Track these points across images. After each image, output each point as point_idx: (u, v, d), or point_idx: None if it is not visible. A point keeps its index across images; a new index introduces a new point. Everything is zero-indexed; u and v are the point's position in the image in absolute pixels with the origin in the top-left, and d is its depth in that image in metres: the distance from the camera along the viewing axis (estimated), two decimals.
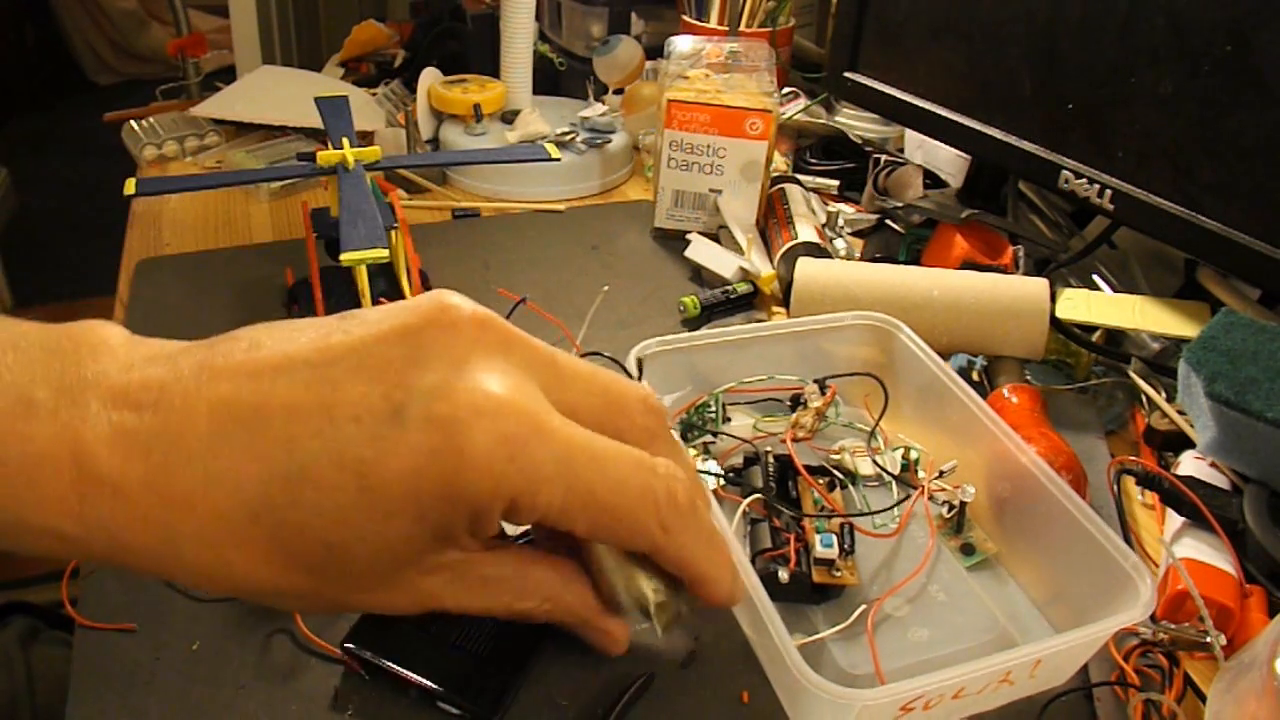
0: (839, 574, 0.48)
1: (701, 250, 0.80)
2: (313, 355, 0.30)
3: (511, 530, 0.48)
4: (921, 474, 0.55)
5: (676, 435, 0.56)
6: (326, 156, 0.63)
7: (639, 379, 0.53)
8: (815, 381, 0.59)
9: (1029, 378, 0.64)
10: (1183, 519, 0.51)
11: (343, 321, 0.32)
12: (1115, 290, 0.73)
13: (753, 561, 0.48)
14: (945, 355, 0.66)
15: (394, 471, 0.29)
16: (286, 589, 0.31)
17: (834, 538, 0.48)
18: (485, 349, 0.31)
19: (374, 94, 1.09)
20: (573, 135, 0.94)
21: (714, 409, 0.58)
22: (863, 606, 0.47)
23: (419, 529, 0.31)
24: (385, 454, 0.29)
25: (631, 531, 0.34)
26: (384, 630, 0.43)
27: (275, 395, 0.29)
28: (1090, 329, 0.68)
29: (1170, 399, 0.61)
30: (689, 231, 0.84)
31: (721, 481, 0.54)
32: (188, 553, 0.30)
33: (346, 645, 0.43)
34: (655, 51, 0.99)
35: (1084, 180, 0.66)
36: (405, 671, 0.42)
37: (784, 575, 0.46)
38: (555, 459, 0.31)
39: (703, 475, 0.54)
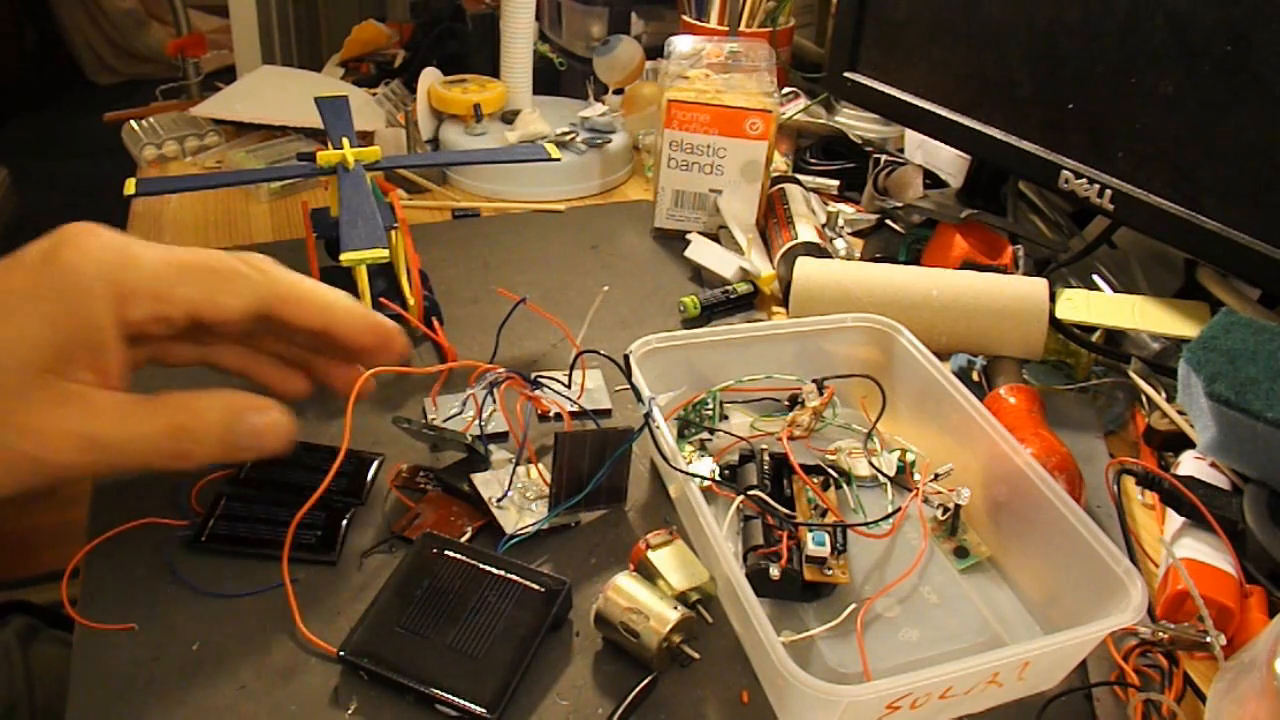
0: (830, 572, 0.48)
1: (701, 250, 0.80)
2: None
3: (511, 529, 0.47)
4: (917, 476, 0.55)
5: (669, 431, 0.56)
6: (326, 156, 0.63)
7: (629, 378, 0.53)
8: (813, 382, 0.59)
9: (1027, 378, 0.64)
10: (1183, 519, 0.51)
11: None
12: (1115, 290, 0.73)
13: (744, 558, 0.48)
14: (944, 355, 0.66)
15: (14, 280, 0.39)
16: None
17: (826, 536, 0.48)
18: (100, 227, 0.42)
19: (374, 94, 1.09)
20: (573, 135, 0.94)
21: (711, 407, 0.58)
22: (853, 605, 0.47)
23: (39, 324, 0.39)
24: (9, 271, 0.39)
25: (229, 279, 0.43)
26: (380, 636, 0.43)
27: None
28: (1090, 329, 0.68)
29: (1170, 399, 0.61)
30: (689, 231, 0.84)
31: (716, 478, 0.54)
32: None
33: (343, 654, 0.43)
34: (655, 51, 0.99)
35: (1084, 180, 0.66)
36: (402, 679, 0.42)
37: (775, 572, 0.47)
38: (148, 248, 0.41)
39: (696, 474, 0.54)
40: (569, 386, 0.59)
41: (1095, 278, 0.75)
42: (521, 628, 0.44)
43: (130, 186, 0.61)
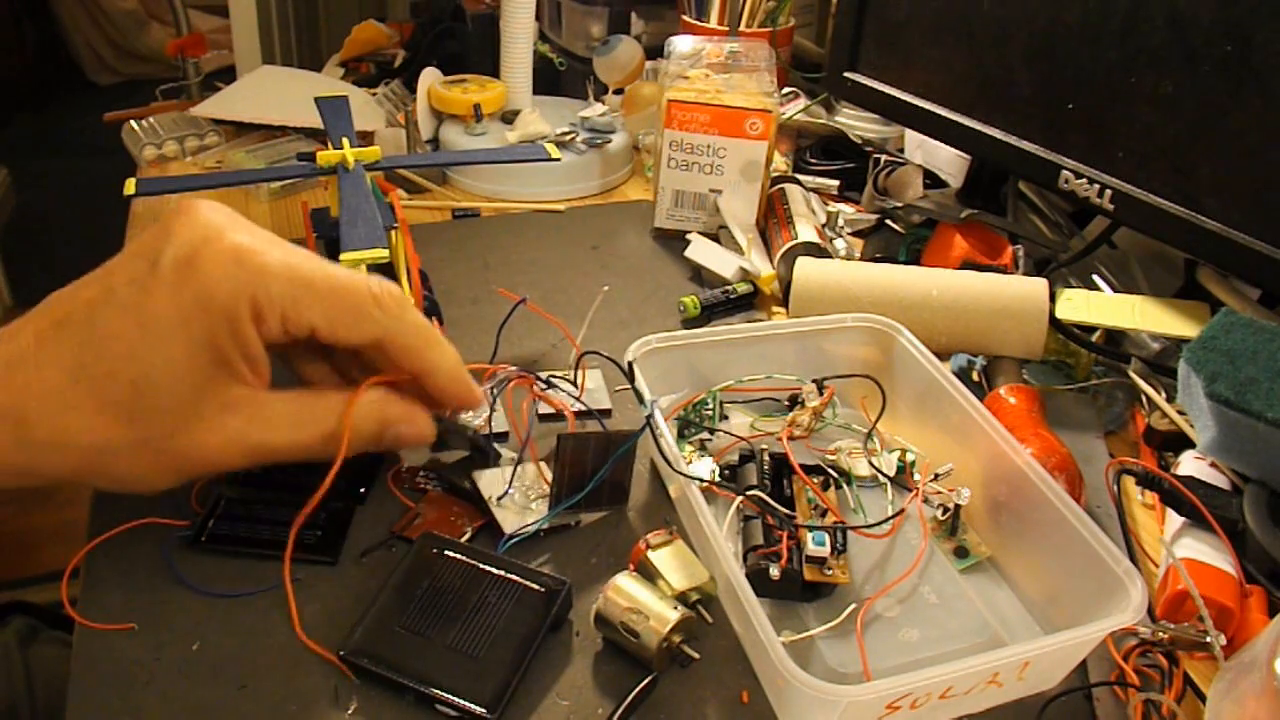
0: (830, 572, 0.48)
1: (701, 250, 0.80)
2: (98, 271, 0.41)
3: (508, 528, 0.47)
4: (917, 476, 0.55)
5: (670, 432, 0.56)
6: (326, 156, 0.63)
7: (631, 382, 0.53)
8: (813, 382, 0.59)
9: (1027, 378, 0.64)
10: (1183, 519, 0.51)
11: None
12: (1115, 290, 0.73)
13: (744, 558, 0.48)
14: (944, 355, 0.66)
15: (159, 304, 0.38)
16: (118, 440, 0.39)
17: (826, 536, 0.48)
18: (219, 213, 0.41)
19: (374, 94, 1.09)
20: (573, 135, 0.94)
21: (711, 407, 0.58)
22: (853, 605, 0.47)
23: (194, 348, 0.39)
24: (150, 293, 0.38)
25: (355, 315, 0.43)
26: (380, 636, 0.43)
27: (76, 299, 0.40)
28: (1090, 329, 0.68)
29: (1170, 399, 0.61)
30: (689, 231, 0.84)
31: (716, 478, 0.54)
32: (35, 428, 0.39)
33: (343, 654, 0.43)
34: (655, 51, 0.99)
35: (1084, 180, 0.66)
36: (402, 679, 0.42)
37: (775, 572, 0.47)
38: (278, 260, 0.41)
39: (696, 474, 0.54)
40: (575, 385, 0.59)
41: (1095, 278, 0.75)
42: (521, 628, 0.44)
43: (130, 186, 0.62)
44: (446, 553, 0.47)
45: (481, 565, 0.46)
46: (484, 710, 0.41)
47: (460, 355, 0.48)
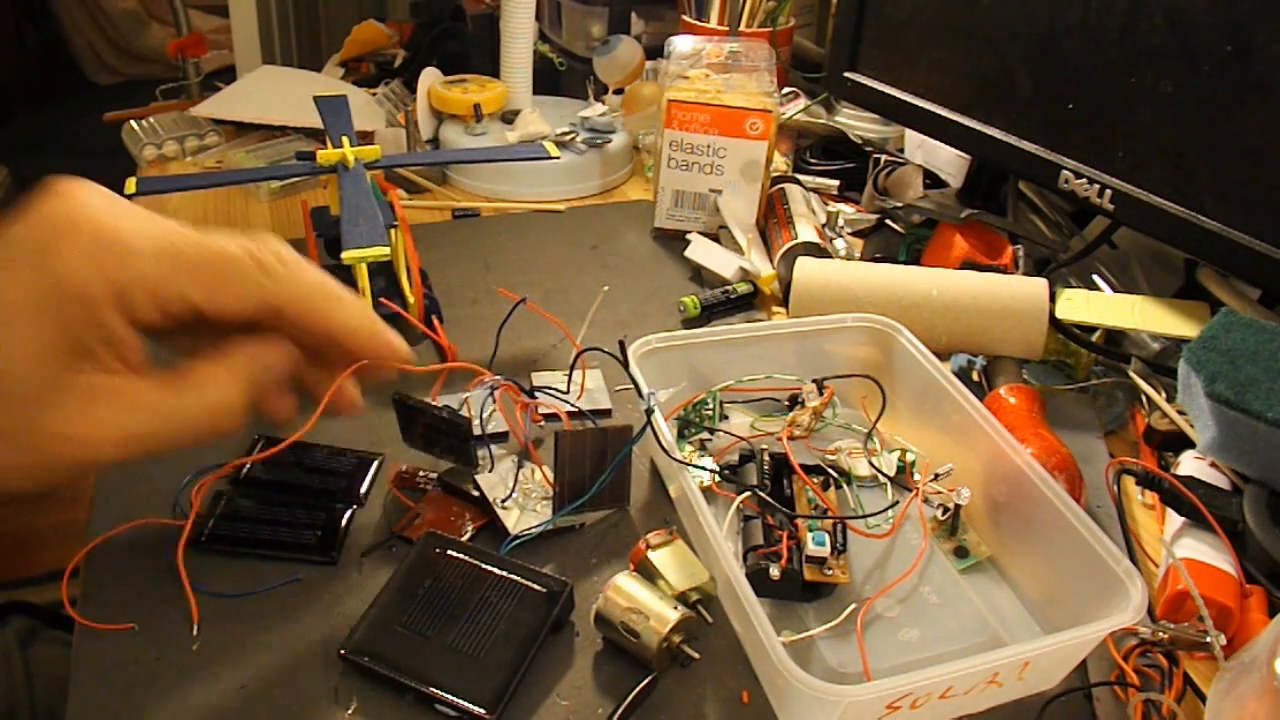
0: (830, 572, 0.48)
1: (701, 250, 0.80)
2: None
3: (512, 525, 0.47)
4: (917, 476, 0.55)
5: (669, 431, 0.56)
6: (326, 155, 0.63)
7: (626, 368, 0.53)
8: (813, 382, 0.59)
9: (1027, 378, 0.64)
10: (1183, 519, 0.51)
11: None
12: (1115, 290, 0.73)
13: (744, 558, 0.48)
14: (944, 355, 0.66)
15: (13, 291, 0.36)
16: None
17: (826, 536, 0.48)
18: (88, 196, 0.39)
19: (374, 94, 1.09)
20: (573, 135, 0.94)
21: (711, 406, 0.58)
22: (853, 605, 0.47)
23: (48, 335, 0.37)
24: (4, 279, 0.36)
25: (235, 283, 0.40)
26: (381, 635, 0.43)
27: None
28: (1090, 329, 0.68)
29: (1170, 399, 0.61)
30: (689, 231, 0.84)
31: (716, 478, 0.54)
32: None
33: (344, 652, 0.43)
34: (655, 51, 0.99)
35: (1084, 180, 0.66)
36: (402, 679, 0.42)
37: (775, 572, 0.47)
38: (144, 238, 0.38)
39: (697, 472, 0.54)
40: (568, 390, 0.59)
41: (1095, 278, 0.75)
42: (522, 628, 0.44)
43: (130, 186, 0.61)
44: (449, 552, 0.47)
45: (484, 565, 0.46)
46: (483, 710, 0.41)
47: (458, 353, 0.46)
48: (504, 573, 0.46)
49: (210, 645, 0.45)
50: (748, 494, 0.51)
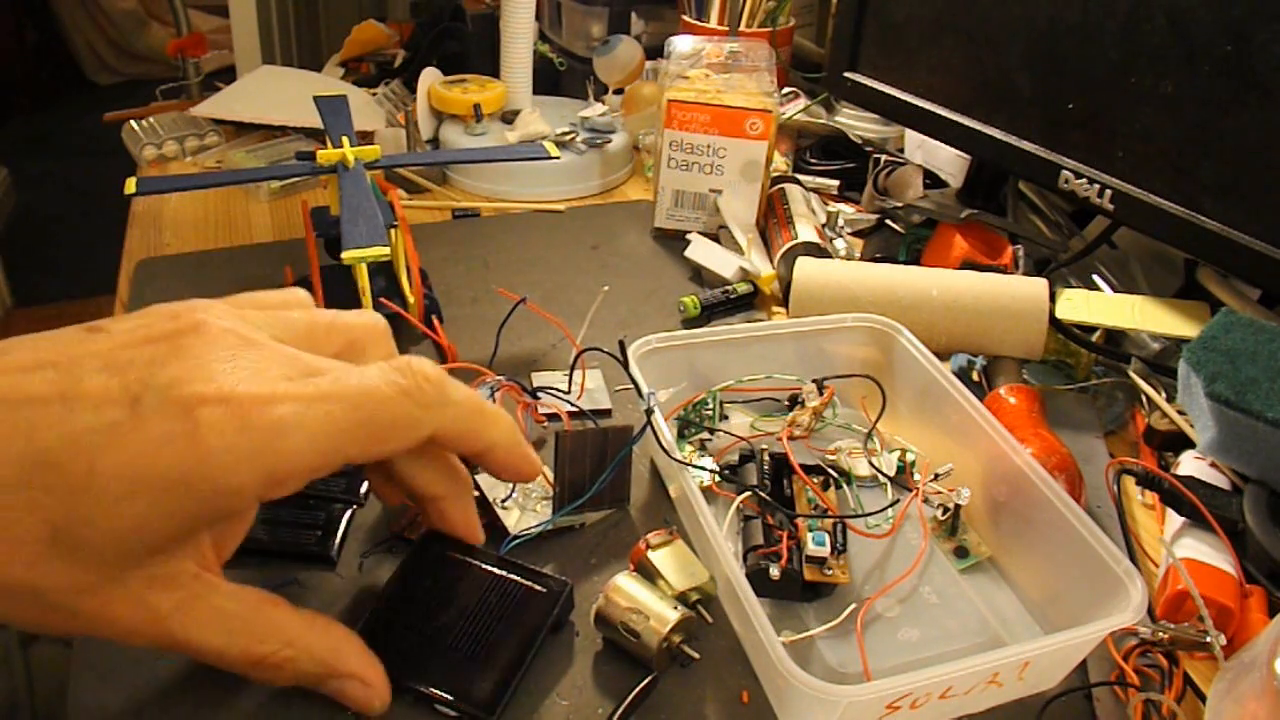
0: (830, 572, 0.48)
1: (701, 250, 0.80)
2: (60, 358, 0.31)
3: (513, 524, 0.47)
4: (917, 476, 0.55)
5: (669, 431, 0.56)
6: (326, 155, 0.63)
7: (626, 367, 0.53)
8: (813, 382, 0.59)
9: (1027, 378, 0.64)
10: (1183, 519, 0.51)
11: (92, 331, 0.33)
12: (1115, 290, 0.73)
13: (744, 558, 0.48)
14: (944, 355, 0.66)
15: (126, 455, 0.30)
16: (10, 581, 0.31)
17: (826, 536, 0.48)
18: (226, 348, 0.33)
19: (374, 94, 1.09)
20: (573, 135, 0.94)
21: (711, 407, 0.58)
22: (853, 605, 0.47)
23: (156, 519, 0.31)
24: (118, 439, 0.30)
25: (397, 428, 0.35)
26: (381, 635, 0.43)
27: (19, 389, 0.30)
28: (1090, 329, 0.68)
29: (1170, 399, 0.61)
30: (689, 231, 0.84)
31: (716, 478, 0.54)
32: None
33: None
34: (655, 51, 0.99)
35: (1084, 180, 0.66)
36: (402, 680, 0.41)
37: (775, 572, 0.47)
38: (294, 411, 0.32)
39: (697, 472, 0.54)
40: (569, 390, 0.59)
41: (1095, 278, 0.75)
42: (522, 629, 0.44)
43: (130, 186, 0.62)
44: (449, 553, 0.47)
45: (483, 565, 0.46)
46: (482, 712, 0.41)
47: (458, 353, 0.45)
48: (504, 573, 0.46)
49: None
50: (748, 494, 0.51)
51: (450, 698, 0.41)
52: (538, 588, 0.45)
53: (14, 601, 0.31)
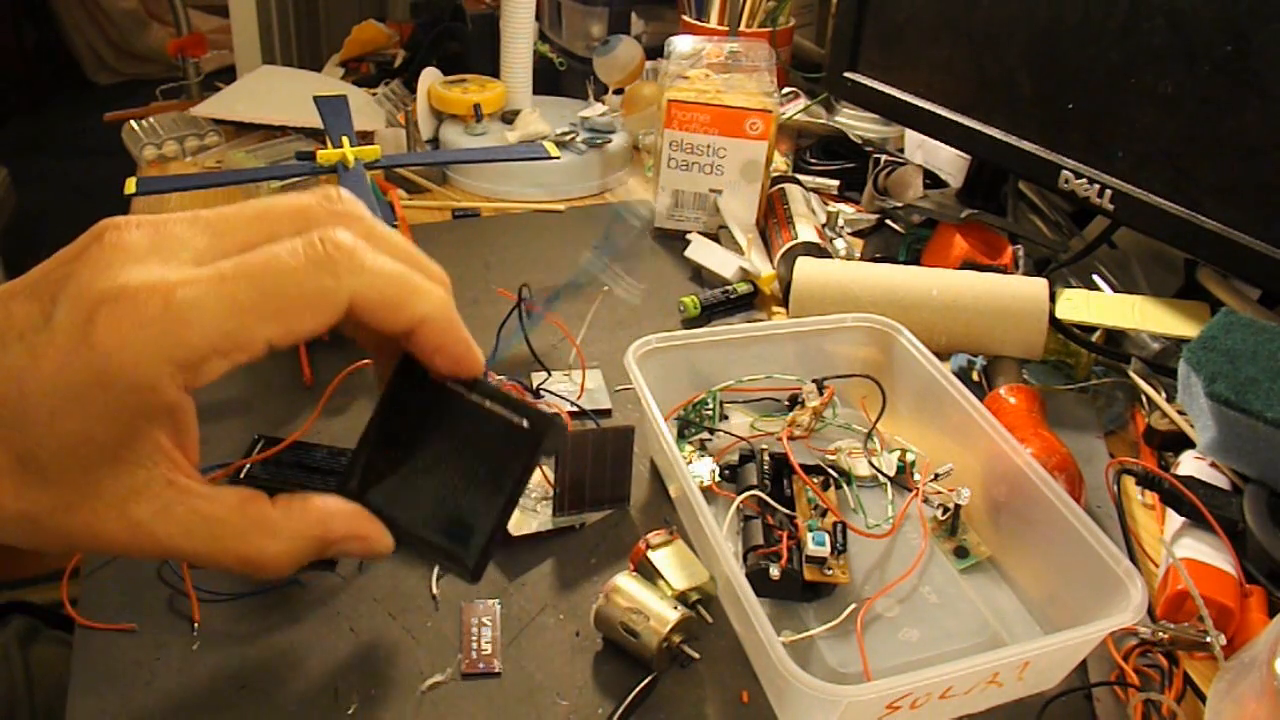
0: (830, 572, 0.48)
1: (701, 250, 0.80)
2: (3, 294, 0.33)
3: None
4: (917, 476, 0.55)
5: (670, 431, 0.56)
6: (326, 155, 0.63)
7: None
8: (813, 382, 0.59)
9: (1027, 378, 0.64)
10: (1183, 519, 0.51)
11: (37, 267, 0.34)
12: (1115, 290, 0.73)
13: (744, 558, 0.48)
14: (944, 355, 0.66)
15: (46, 372, 0.31)
16: (5, 511, 0.33)
17: (826, 536, 0.48)
18: (132, 245, 0.33)
19: (374, 94, 1.09)
20: (573, 135, 0.94)
21: (711, 406, 0.58)
22: (853, 605, 0.47)
23: (91, 424, 0.32)
24: (37, 358, 0.31)
25: (307, 300, 0.34)
26: (371, 481, 0.40)
27: None
28: (1090, 329, 0.68)
29: (1170, 399, 0.61)
30: (689, 231, 0.84)
31: (716, 478, 0.54)
32: None
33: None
34: (655, 51, 0.99)
35: (1084, 180, 0.66)
36: (399, 534, 0.38)
37: (775, 572, 0.47)
38: (198, 295, 0.32)
39: (696, 472, 0.54)
40: (576, 385, 0.59)
41: (1095, 278, 0.75)
42: (503, 472, 0.39)
43: (130, 186, 0.62)
44: (428, 378, 0.40)
45: (466, 395, 0.40)
46: (469, 576, 0.38)
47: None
48: (487, 402, 0.40)
49: (210, 645, 0.45)
50: (748, 494, 0.51)
51: (437, 558, 0.39)
52: (521, 421, 0.39)
53: (17, 529, 0.33)
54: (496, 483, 0.39)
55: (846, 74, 0.84)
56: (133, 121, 1.00)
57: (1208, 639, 0.44)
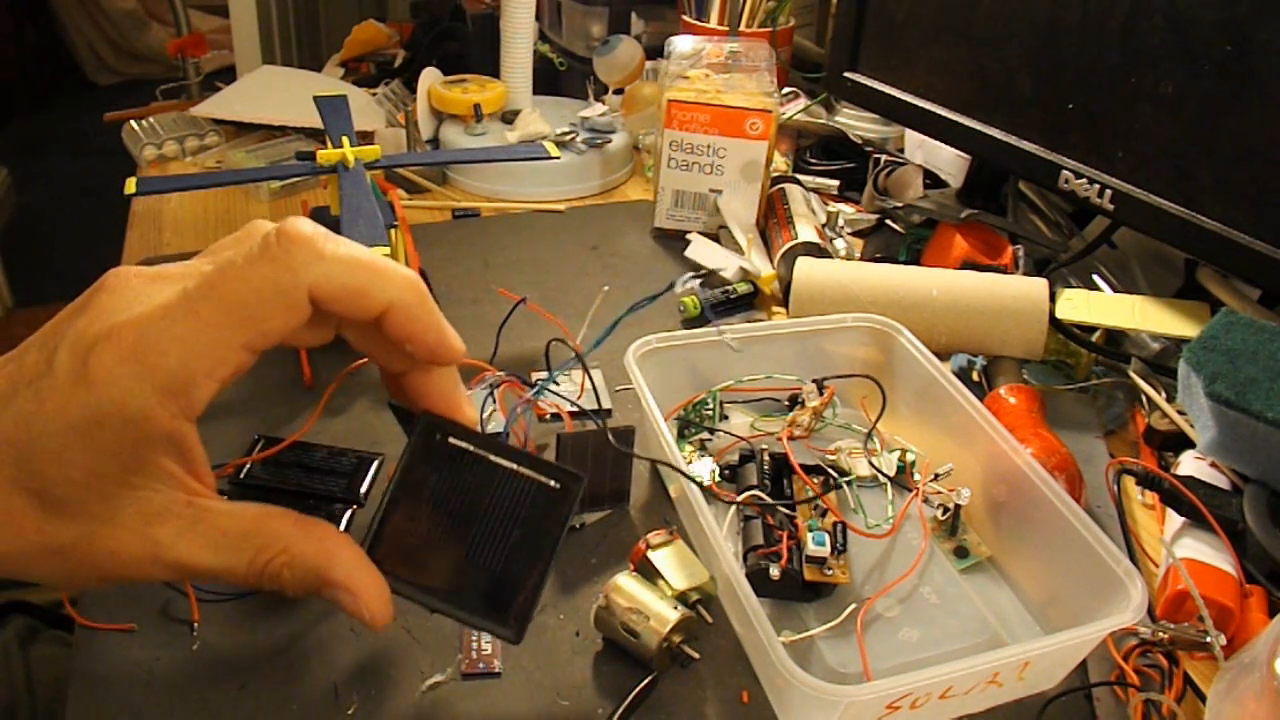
0: (830, 572, 0.48)
1: (701, 250, 0.80)
2: (15, 352, 0.35)
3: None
4: (917, 476, 0.55)
5: (670, 431, 0.56)
6: (326, 155, 0.63)
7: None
8: (813, 382, 0.59)
9: (1027, 378, 0.64)
10: (1183, 519, 0.51)
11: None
12: (1115, 290, 0.73)
13: (744, 558, 0.48)
14: (944, 355, 0.66)
15: (50, 413, 0.33)
16: (32, 547, 0.34)
17: (826, 536, 0.48)
18: (129, 290, 0.34)
19: (374, 94, 1.09)
20: (573, 135, 0.94)
21: (711, 407, 0.58)
22: (853, 605, 0.47)
23: (98, 460, 0.33)
24: (42, 401, 0.33)
25: (265, 297, 0.34)
26: (392, 540, 0.39)
27: None
28: (1090, 329, 0.68)
29: (1170, 399, 0.61)
30: (689, 231, 0.84)
31: (716, 478, 0.54)
32: None
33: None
34: (655, 51, 0.99)
35: (1084, 180, 0.66)
36: (434, 604, 0.38)
37: (775, 572, 0.47)
38: (163, 327, 0.33)
39: (696, 472, 0.54)
40: (575, 386, 0.59)
41: (1095, 278, 0.75)
42: (539, 535, 0.39)
43: (130, 186, 0.62)
44: (449, 440, 0.40)
45: (490, 456, 0.40)
46: (513, 637, 0.37)
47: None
48: (512, 464, 0.40)
49: (210, 645, 0.45)
50: (748, 494, 0.51)
51: (477, 620, 0.38)
52: (550, 482, 0.39)
53: (47, 565, 0.34)
54: (533, 546, 0.39)
55: (846, 74, 0.84)
56: (133, 121, 1.00)
57: (1208, 639, 0.44)
